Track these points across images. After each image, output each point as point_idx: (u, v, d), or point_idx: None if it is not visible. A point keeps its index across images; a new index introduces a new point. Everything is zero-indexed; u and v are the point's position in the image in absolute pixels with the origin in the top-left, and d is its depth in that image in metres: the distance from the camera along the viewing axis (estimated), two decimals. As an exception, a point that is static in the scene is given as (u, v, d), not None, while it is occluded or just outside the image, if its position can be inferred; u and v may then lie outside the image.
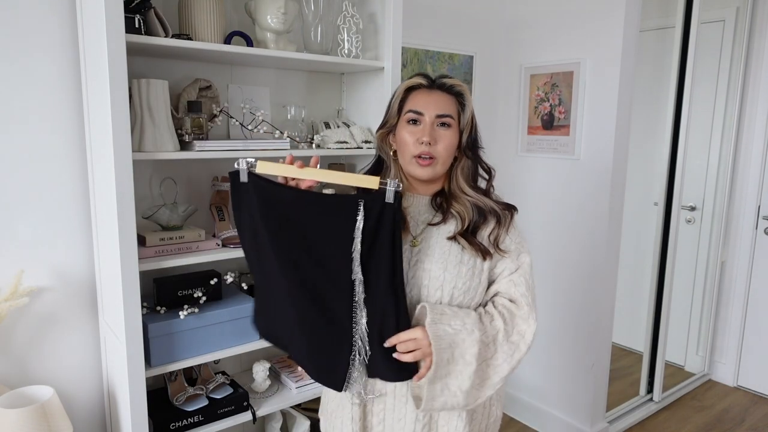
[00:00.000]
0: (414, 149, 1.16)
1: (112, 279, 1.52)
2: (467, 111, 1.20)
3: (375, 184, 1.07)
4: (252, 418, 1.77)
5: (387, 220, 1.06)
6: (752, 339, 3.27)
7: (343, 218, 1.07)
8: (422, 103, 1.18)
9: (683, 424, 2.91)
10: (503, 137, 2.83)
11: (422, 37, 2.46)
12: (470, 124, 1.20)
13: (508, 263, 1.23)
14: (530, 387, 2.84)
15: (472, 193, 1.21)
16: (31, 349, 1.64)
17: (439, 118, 1.17)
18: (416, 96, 1.19)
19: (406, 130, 1.18)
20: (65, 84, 1.60)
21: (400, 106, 1.20)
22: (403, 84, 1.22)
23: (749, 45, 3.10)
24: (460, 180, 1.22)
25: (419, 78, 1.21)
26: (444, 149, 1.17)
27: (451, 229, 1.19)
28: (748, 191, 3.20)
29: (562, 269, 2.61)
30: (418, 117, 1.17)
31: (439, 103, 1.18)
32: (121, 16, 1.34)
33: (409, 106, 1.19)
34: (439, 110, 1.17)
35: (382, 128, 1.24)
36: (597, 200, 2.43)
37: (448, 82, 1.21)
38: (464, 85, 1.22)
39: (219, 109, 1.77)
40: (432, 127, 1.16)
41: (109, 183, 1.43)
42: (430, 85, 1.21)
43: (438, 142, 1.16)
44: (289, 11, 1.71)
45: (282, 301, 1.17)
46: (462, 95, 1.21)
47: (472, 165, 1.23)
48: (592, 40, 2.38)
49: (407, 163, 1.19)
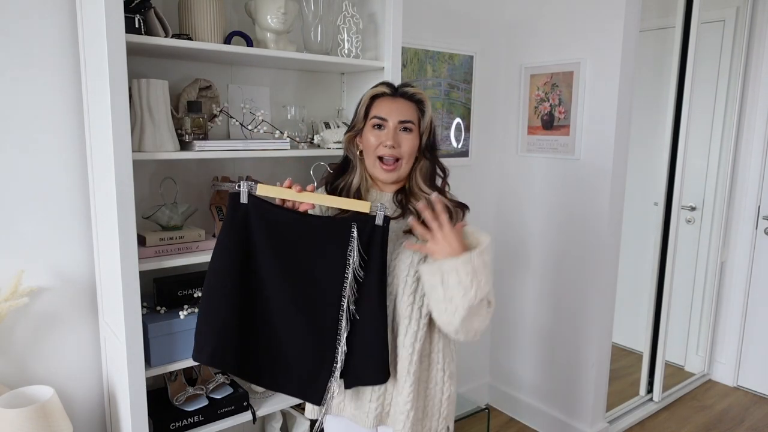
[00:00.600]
0: (379, 151, 1.30)
1: (112, 279, 1.52)
2: (426, 117, 1.33)
3: (366, 208, 1.20)
4: (252, 418, 1.77)
5: (377, 240, 1.20)
6: (752, 339, 3.27)
7: (338, 238, 1.20)
8: (386, 110, 1.30)
9: (683, 424, 2.91)
10: (503, 137, 2.83)
11: (422, 37, 2.46)
12: (429, 128, 1.34)
13: None
14: (530, 387, 2.84)
15: (429, 191, 1.33)
16: (31, 349, 1.64)
17: (402, 123, 1.30)
18: (381, 103, 1.32)
19: (372, 134, 1.31)
20: (65, 84, 1.60)
21: (366, 112, 1.33)
22: (369, 92, 1.35)
23: (749, 45, 3.10)
24: (418, 179, 1.34)
25: (383, 87, 1.34)
26: (406, 151, 1.30)
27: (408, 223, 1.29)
28: (748, 191, 3.20)
29: (562, 269, 2.61)
30: (382, 122, 1.30)
31: (401, 110, 1.31)
32: (121, 16, 1.34)
33: (374, 113, 1.31)
34: (401, 116, 1.30)
35: (349, 131, 1.36)
36: (597, 200, 2.43)
37: (410, 91, 1.34)
38: (424, 93, 1.35)
39: (219, 109, 1.77)
40: (395, 132, 1.29)
41: (109, 183, 1.43)
42: (394, 93, 1.34)
43: (401, 145, 1.30)
44: (289, 11, 1.71)
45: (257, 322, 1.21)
46: (422, 102, 1.34)
47: (430, 165, 1.35)
48: (592, 40, 2.39)
49: (371, 165, 1.33)
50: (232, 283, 1.19)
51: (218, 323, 1.20)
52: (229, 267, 1.19)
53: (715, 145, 3.26)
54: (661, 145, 2.92)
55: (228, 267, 1.19)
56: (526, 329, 2.82)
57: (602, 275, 2.46)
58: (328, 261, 1.21)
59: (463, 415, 2.56)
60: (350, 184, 1.36)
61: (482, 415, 2.64)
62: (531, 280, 2.77)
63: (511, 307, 2.89)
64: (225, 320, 1.19)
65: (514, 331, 2.89)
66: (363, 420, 1.33)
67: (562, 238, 2.60)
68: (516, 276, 2.84)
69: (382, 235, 1.21)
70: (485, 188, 2.85)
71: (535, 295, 2.76)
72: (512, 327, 2.89)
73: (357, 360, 1.24)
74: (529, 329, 2.81)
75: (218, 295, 1.20)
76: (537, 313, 2.76)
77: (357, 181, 1.36)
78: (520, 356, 2.87)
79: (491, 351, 3.03)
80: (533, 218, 2.72)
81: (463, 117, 2.68)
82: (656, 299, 3.02)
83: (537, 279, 2.74)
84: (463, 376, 2.88)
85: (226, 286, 1.19)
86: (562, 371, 2.67)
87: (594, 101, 2.41)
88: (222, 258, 1.20)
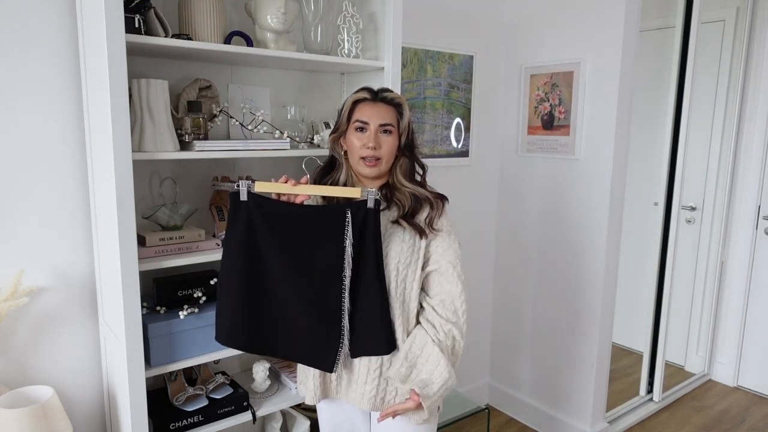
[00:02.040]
0: (362, 152, 1.40)
1: (112, 279, 1.52)
2: (405, 119, 1.43)
3: (357, 194, 1.30)
4: (252, 418, 1.77)
5: (370, 221, 1.30)
6: (752, 339, 3.27)
7: (334, 224, 1.30)
8: (367, 114, 1.41)
9: (683, 424, 2.91)
10: (503, 137, 2.83)
11: (422, 37, 2.46)
12: (407, 129, 1.44)
13: (440, 241, 1.43)
14: (530, 387, 2.84)
15: (409, 185, 1.45)
16: (31, 349, 1.64)
17: (382, 126, 1.40)
18: (362, 107, 1.42)
19: (355, 136, 1.41)
20: (65, 84, 1.60)
21: (349, 116, 1.43)
22: (351, 97, 1.44)
23: (749, 45, 3.10)
24: (399, 175, 1.45)
25: (364, 92, 1.44)
26: (387, 152, 1.41)
27: (394, 214, 1.42)
28: (748, 191, 3.20)
29: (562, 269, 2.61)
30: (364, 125, 1.40)
31: (381, 114, 1.41)
32: (121, 16, 1.34)
33: (357, 116, 1.41)
34: (381, 120, 1.40)
35: (334, 133, 1.46)
36: (597, 200, 2.43)
37: (389, 96, 1.44)
38: (402, 98, 1.46)
39: (219, 109, 1.77)
40: (376, 134, 1.40)
41: (109, 183, 1.43)
42: (374, 98, 1.44)
43: (382, 146, 1.40)
44: (289, 11, 1.71)
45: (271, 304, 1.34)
46: (401, 106, 1.44)
47: (409, 162, 1.46)
48: (592, 40, 2.39)
49: (356, 163, 1.43)
50: (241, 274, 1.32)
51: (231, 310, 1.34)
52: (239, 262, 1.31)
53: (715, 145, 3.26)
54: (661, 145, 2.92)
55: (237, 262, 1.31)
56: (526, 329, 2.82)
57: (602, 275, 2.46)
58: (327, 244, 1.30)
59: (463, 415, 2.55)
60: (337, 181, 1.47)
61: (482, 415, 2.63)
62: (531, 280, 2.77)
63: (511, 307, 2.89)
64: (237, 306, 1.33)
65: (514, 331, 2.88)
66: (358, 401, 1.43)
67: (562, 238, 2.60)
68: (516, 276, 2.84)
69: (374, 216, 1.30)
70: (485, 188, 2.85)
71: (535, 295, 2.76)
72: (512, 327, 2.89)
73: (360, 332, 1.35)
74: (529, 329, 2.81)
75: (229, 286, 1.33)
76: (537, 313, 2.76)
77: (343, 178, 1.47)
78: (520, 356, 2.87)
79: (491, 351, 3.03)
80: (533, 218, 2.72)
81: (463, 117, 2.68)
82: (656, 299, 3.02)
83: (537, 279, 2.74)
84: (463, 376, 2.88)
85: (236, 278, 1.32)
86: (563, 371, 2.67)
87: (594, 101, 2.41)
88: (230, 255, 1.32)
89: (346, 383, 1.45)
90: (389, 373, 1.38)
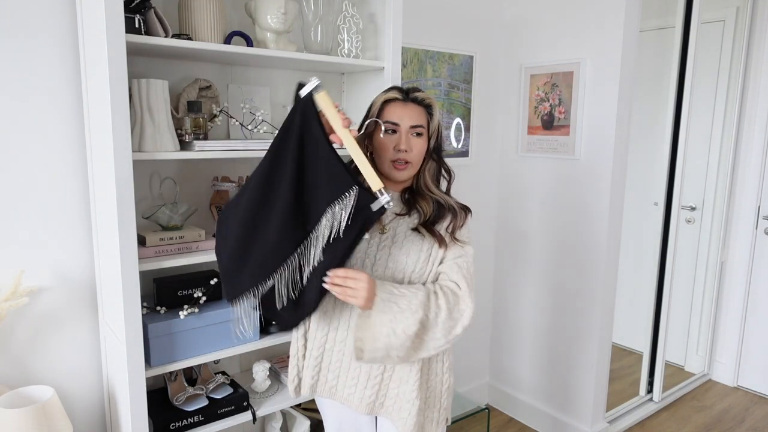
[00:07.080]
0: (392, 155, 1.33)
1: (112, 279, 1.52)
2: (435, 120, 1.38)
3: (375, 187, 1.19)
4: (252, 418, 1.77)
5: (360, 218, 1.18)
6: (752, 339, 3.27)
7: (336, 186, 1.18)
8: (398, 115, 1.34)
9: (683, 424, 2.91)
10: (503, 137, 2.83)
11: (422, 37, 2.46)
12: (437, 131, 1.39)
13: (456, 250, 1.37)
14: (530, 387, 2.84)
15: (435, 191, 1.40)
16: (31, 349, 1.64)
17: (413, 128, 1.34)
18: (392, 108, 1.35)
19: (386, 137, 1.34)
20: (65, 84, 1.60)
21: (378, 116, 1.36)
22: (381, 96, 1.38)
23: (749, 45, 3.10)
24: (426, 179, 1.39)
25: (395, 92, 1.37)
26: (417, 154, 1.35)
27: (415, 221, 1.37)
28: (748, 191, 3.20)
29: (562, 269, 2.61)
30: (395, 127, 1.34)
31: (413, 115, 1.35)
32: (121, 16, 1.34)
33: (387, 117, 1.35)
34: (413, 121, 1.34)
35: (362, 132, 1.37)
36: (597, 200, 2.43)
37: (420, 96, 1.38)
38: (433, 98, 1.40)
39: (219, 109, 1.77)
40: (407, 136, 1.34)
41: (109, 183, 1.43)
42: (405, 98, 1.37)
43: (413, 149, 1.34)
44: (289, 11, 1.71)
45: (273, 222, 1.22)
46: (431, 107, 1.38)
47: (436, 166, 1.41)
48: (592, 40, 2.39)
49: (386, 166, 1.35)
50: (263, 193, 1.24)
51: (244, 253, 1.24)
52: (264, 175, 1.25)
53: (715, 145, 3.26)
54: (661, 145, 2.91)
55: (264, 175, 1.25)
56: (526, 329, 2.82)
57: (602, 275, 2.46)
58: (321, 196, 1.20)
59: (463, 415, 2.56)
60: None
61: (482, 415, 2.64)
62: (531, 280, 2.77)
63: (511, 307, 2.89)
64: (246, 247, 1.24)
65: (514, 331, 2.89)
66: (356, 404, 1.39)
67: (562, 238, 2.60)
68: (516, 276, 2.84)
69: (368, 218, 1.19)
70: (485, 188, 2.85)
71: (535, 295, 2.76)
72: (512, 327, 2.89)
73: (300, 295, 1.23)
74: (529, 329, 2.81)
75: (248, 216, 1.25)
76: (537, 313, 2.76)
77: None
78: (520, 356, 2.87)
79: (491, 351, 3.03)
80: (533, 218, 2.72)
81: (463, 117, 2.68)
82: (656, 299, 3.02)
83: (537, 279, 2.74)
84: (463, 376, 2.88)
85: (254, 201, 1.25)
86: (562, 371, 2.67)
87: (594, 101, 2.41)
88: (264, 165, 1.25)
89: (343, 385, 1.40)
90: None
